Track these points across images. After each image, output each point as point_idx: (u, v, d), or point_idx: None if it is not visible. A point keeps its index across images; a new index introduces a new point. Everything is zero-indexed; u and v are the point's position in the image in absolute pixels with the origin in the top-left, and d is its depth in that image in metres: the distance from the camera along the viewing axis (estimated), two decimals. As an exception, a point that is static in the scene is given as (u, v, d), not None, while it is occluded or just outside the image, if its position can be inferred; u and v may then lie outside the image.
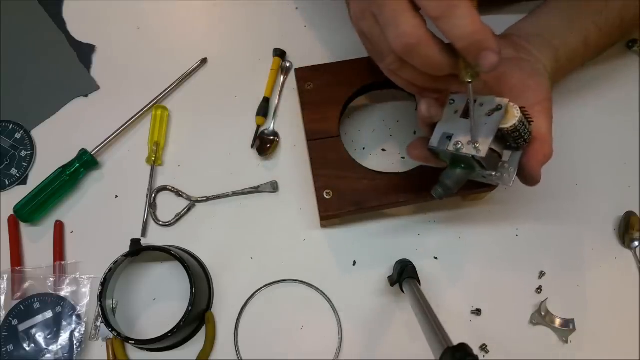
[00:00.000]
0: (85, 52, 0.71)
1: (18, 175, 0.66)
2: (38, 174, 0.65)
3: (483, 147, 0.42)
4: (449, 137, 0.45)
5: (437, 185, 0.46)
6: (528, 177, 0.45)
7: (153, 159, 0.65)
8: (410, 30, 0.38)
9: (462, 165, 0.46)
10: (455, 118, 0.45)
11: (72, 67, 0.70)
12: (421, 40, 0.38)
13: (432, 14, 0.36)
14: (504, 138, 0.44)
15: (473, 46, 0.36)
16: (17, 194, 0.64)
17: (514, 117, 0.42)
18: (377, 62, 0.45)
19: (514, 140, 0.44)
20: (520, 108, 0.43)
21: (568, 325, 0.59)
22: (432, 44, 0.38)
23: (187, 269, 0.57)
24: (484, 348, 0.59)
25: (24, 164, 0.66)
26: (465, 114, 0.45)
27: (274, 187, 0.65)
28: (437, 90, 0.46)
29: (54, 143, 0.67)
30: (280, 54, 0.69)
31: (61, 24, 0.72)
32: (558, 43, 0.53)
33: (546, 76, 0.49)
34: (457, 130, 0.45)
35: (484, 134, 0.43)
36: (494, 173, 0.46)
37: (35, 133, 0.68)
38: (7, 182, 0.65)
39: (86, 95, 0.69)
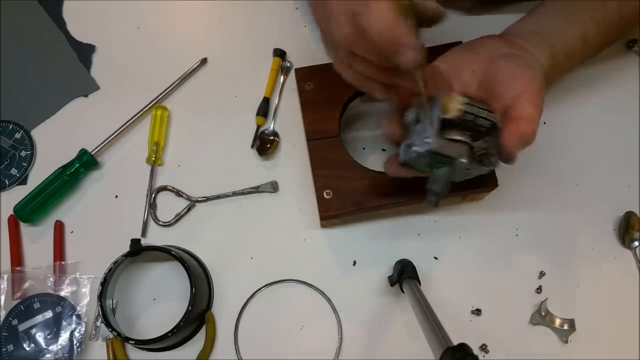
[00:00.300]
0: (85, 52, 0.71)
1: (18, 175, 0.66)
2: (38, 174, 0.65)
3: (431, 139, 0.44)
4: (410, 146, 0.47)
5: (427, 194, 0.47)
6: (503, 155, 0.45)
7: (153, 159, 0.65)
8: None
9: (439, 166, 0.47)
10: (413, 128, 0.48)
11: (72, 67, 0.70)
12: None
13: (353, 11, 0.38)
14: (465, 127, 0.45)
15: (389, 43, 0.37)
16: (17, 194, 0.64)
17: (454, 107, 0.43)
18: (330, 57, 0.46)
19: (476, 126, 0.45)
20: (474, 97, 0.44)
21: (568, 325, 0.59)
22: (383, 5, 0.38)
23: (187, 269, 0.57)
24: (484, 348, 0.59)
25: (24, 164, 0.66)
26: (417, 121, 0.47)
27: (274, 187, 0.65)
28: (389, 86, 0.46)
29: (54, 143, 0.67)
30: (280, 54, 0.69)
31: (61, 24, 0.72)
32: (555, 40, 0.53)
33: (539, 70, 0.49)
34: (414, 138, 0.47)
35: (430, 129, 0.45)
36: (465, 160, 0.46)
37: (35, 133, 0.68)
38: (7, 182, 0.65)
39: (86, 95, 0.69)
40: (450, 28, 0.67)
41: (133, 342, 0.56)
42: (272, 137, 0.66)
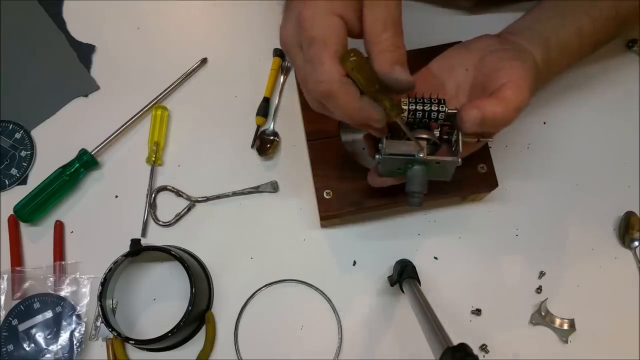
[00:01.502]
0: (85, 52, 0.71)
1: (18, 175, 0.66)
2: (38, 174, 0.65)
3: (382, 143, 0.46)
4: None
5: (408, 197, 0.48)
6: (459, 123, 0.45)
7: (153, 159, 0.65)
8: (327, 79, 0.39)
9: (409, 166, 0.47)
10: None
11: (72, 67, 0.70)
12: (334, 92, 0.39)
13: (320, 100, 0.42)
14: (422, 125, 0.48)
15: (358, 125, 0.44)
16: (17, 194, 0.64)
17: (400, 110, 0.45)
18: (302, 87, 0.45)
19: (429, 120, 0.47)
20: (425, 97, 0.47)
21: (568, 325, 0.59)
22: (347, 96, 0.40)
23: (187, 269, 0.57)
24: (484, 348, 0.59)
25: (24, 164, 0.66)
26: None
27: (274, 187, 0.65)
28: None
29: (54, 143, 0.67)
30: (280, 54, 0.69)
31: (61, 24, 0.72)
32: (549, 34, 0.53)
33: (529, 61, 0.49)
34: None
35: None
36: (422, 155, 0.47)
37: (35, 133, 0.68)
38: (7, 182, 0.65)
39: (86, 95, 0.69)
40: (449, 28, 0.68)
41: (133, 342, 0.56)
42: (272, 137, 0.66)
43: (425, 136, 0.48)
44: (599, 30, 0.54)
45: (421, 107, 0.47)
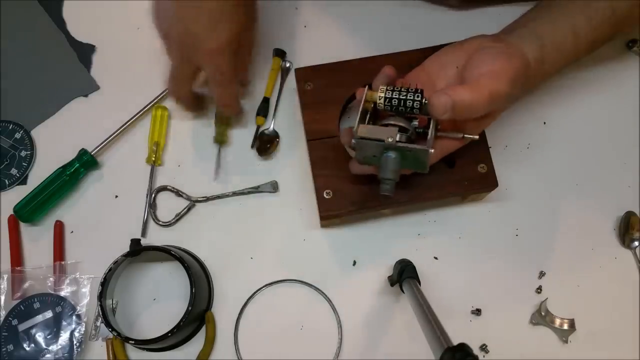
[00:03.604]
0: (85, 52, 0.71)
1: (18, 175, 0.66)
2: (38, 174, 0.65)
3: (355, 127, 0.48)
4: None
5: (380, 185, 0.49)
6: (430, 109, 0.46)
7: (153, 158, 0.65)
8: (175, 90, 0.61)
9: (384, 153, 0.48)
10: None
11: (72, 67, 0.70)
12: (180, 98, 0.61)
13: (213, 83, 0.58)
14: (400, 113, 0.49)
15: (225, 107, 0.62)
16: (17, 194, 0.64)
17: (376, 97, 0.48)
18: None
19: (405, 109, 0.48)
20: (401, 86, 0.48)
21: (568, 325, 0.59)
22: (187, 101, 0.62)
23: (187, 269, 0.57)
24: (484, 348, 0.59)
25: (23, 164, 0.66)
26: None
27: (274, 187, 0.65)
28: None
29: (53, 143, 0.67)
30: (280, 54, 0.69)
31: (61, 24, 0.72)
32: (543, 33, 0.53)
33: (515, 56, 0.50)
34: None
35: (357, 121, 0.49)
36: (391, 139, 0.47)
37: (35, 133, 0.68)
38: (7, 182, 0.65)
39: (86, 95, 0.69)
40: (438, 25, 0.68)
41: (133, 342, 0.56)
42: (272, 137, 0.66)
43: (393, 122, 0.49)
44: (595, 30, 0.54)
45: (397, 96, 0.47)
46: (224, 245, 0.63)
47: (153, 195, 0.65)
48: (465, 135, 0.50)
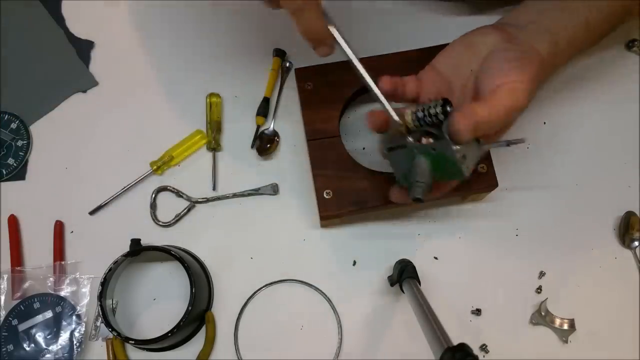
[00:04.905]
0: (84, 48, 0.71)
1: (15, 164, 0.66)
2: (36, 170, 0.66)
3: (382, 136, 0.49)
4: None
5: (410, 191, 0.48)
6: (452, 135, 0.45)
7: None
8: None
9: (415, 158, 0.47)
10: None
11: (71, 63, 0.70)
12: (307, 6, 0.45)
13: (288, 10, 0.45)
14: (429, 124, 0.47)
15: (312, 40, 0.47)
16: (17, 191, 0.64)
17: (409, 119, 0.47)
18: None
19: (437, 121, 0.46)
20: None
21: (568, 325, 0.59)
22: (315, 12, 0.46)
23: (187, 269, 0.57)
24: (484, 348, 0.59)
25: (20, 153, 0.66)
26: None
27: (274, 189, 0.64)
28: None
29: (52, 138, 0.67)
30: (280, 54, 0.69)
31: (60, 21, 0.72)
32: (557, 28, 0.52)
33: (533, 62, 0.48)
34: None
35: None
36: (410, 139, 0.47)
37: (34, 128, 0.68)
38: (4, 172, 0.66)
39: (85, 91, 0.69)
40: (439, 25, 0.68)
41: (133, 342, 0.56)
42: (272, 137, 0.66)
43: (428, 130, 0.47)
44: (606, 21, 0.54)
45: (426, 112, 0.46)
46: (224, 245, 0.63)
47: (153, 196, 0.65)
48: (511, 141, 0.47)
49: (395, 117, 0.47)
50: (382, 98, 0.48)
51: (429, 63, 0.54)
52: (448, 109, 0.45)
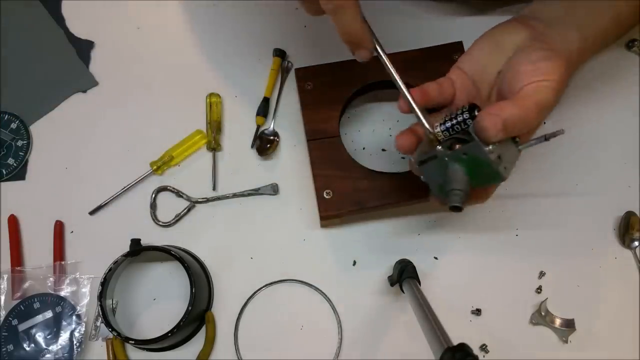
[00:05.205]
0: (84, 48, 0.71)
1: (15, 164, 0.66)
2: (36, 170, 0.66)
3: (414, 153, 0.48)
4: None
5: (448, 200, 0.46)
6: (480, 135, 0.44)
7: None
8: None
9: (449, 166, 0.46)
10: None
11: (71, 63, 0.70)
12: (346, 5, 0.42)
13: (327, 10, 0.43)
14: (459, 132, 0.46)
15: (349, 43, 0.45)
16: (17, 192, 0.64)
17: (440, 136, 0.46)
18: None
19: (465, 127, 0.45)
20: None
21: (568, 325, 0.59)
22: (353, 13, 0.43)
23: (187, 269, 0.57)
24: (484, 348, 0.59)
25: (20, 153, 0.66)
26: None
27: (274, 189, 0.64)
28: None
29: (52, 138, 0.67)
30: (280, 54, 0.69)
31: (60, 21, 0.72)
32: (587, 24, 0.50)
33: (561, 61, 0.47)
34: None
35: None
36: (440, 147, 0.46)
37: (34, 128, 0.68)
38: (4, 172, 0.66)
39: (85, 91, 0.69)
40: (439, 25, 0.68)
41: (133, 342, 0.56)
42: (272, 137, 0.66)
43: (458, 136, 0.45)
44: (635, 13, 0.52)
45: (454, 120, 0.45)
46: (224, 245, 0.63)
47: (153, 196, 0.65)
48: (549, 135, 0.44)
49: (427, 125, 0.46)
50: (416, 109, 0.46)
51: (453, 64, 0.51)
52: (476, 112, 0.44)
